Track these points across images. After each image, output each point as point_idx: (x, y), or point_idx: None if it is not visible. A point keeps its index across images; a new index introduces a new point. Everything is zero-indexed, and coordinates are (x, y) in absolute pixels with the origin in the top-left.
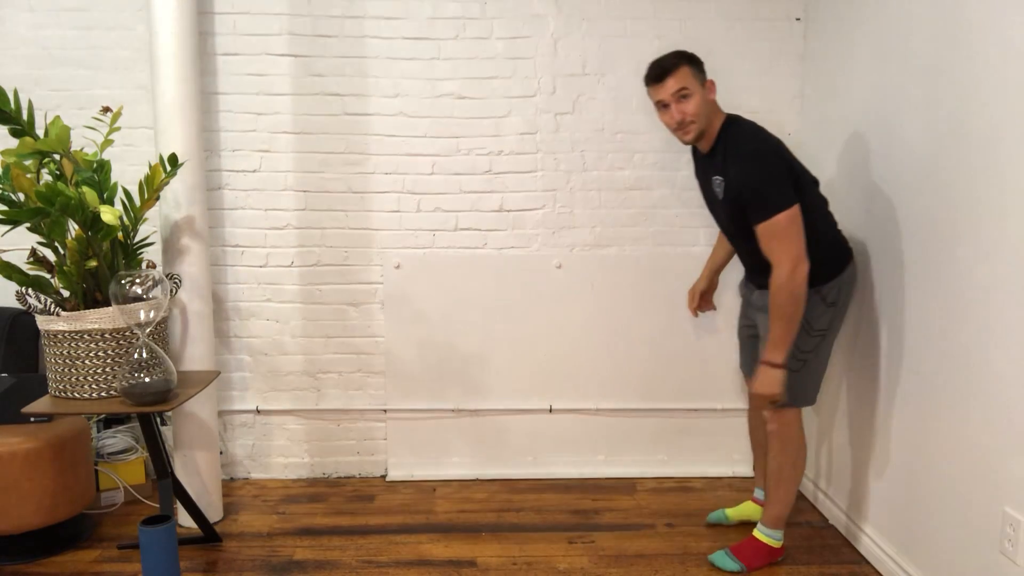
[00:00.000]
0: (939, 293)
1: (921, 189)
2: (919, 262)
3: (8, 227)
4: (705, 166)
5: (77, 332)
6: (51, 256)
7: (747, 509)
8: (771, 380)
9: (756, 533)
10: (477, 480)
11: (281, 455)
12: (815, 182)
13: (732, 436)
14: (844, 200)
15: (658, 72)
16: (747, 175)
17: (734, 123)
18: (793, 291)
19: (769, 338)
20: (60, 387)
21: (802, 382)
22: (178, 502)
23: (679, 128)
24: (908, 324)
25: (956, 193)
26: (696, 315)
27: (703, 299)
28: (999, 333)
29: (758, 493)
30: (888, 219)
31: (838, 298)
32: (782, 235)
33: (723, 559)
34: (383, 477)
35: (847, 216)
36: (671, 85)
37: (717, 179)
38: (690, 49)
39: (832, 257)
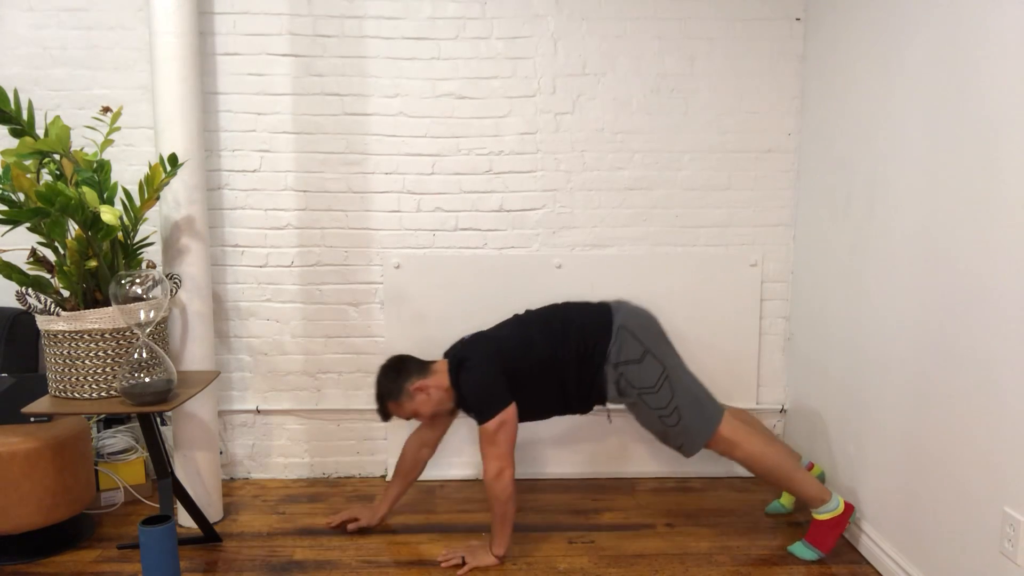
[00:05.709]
0: (939, 292)
1: (921, 188)
2: (919, 261)
3: (8, 227)
4: None
5: (77, 332)
6: (51, 256)
7: None
8: (481, 559)
9: (814, 515)
10: (477, 480)
11: (281, 455)
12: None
13: None
14: (844, 200)
15: (381, 418)
16: (467, 389)
17: (459, 366)
18: (498, 493)
19: (492, 532)
20: (60, 387)
21: (689, 425)
22: (178, 502)
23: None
24: (908, 323)
25: (956, 192)
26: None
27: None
28: (999, 333)
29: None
30: (888, 218)
31: (638, 345)
32: (489, 440)
33: (801, 549)
34: (383, 477)
35: (847, 216)
36: (397, 420)
37: None
38: (689, 48)
39: (593, 338)
